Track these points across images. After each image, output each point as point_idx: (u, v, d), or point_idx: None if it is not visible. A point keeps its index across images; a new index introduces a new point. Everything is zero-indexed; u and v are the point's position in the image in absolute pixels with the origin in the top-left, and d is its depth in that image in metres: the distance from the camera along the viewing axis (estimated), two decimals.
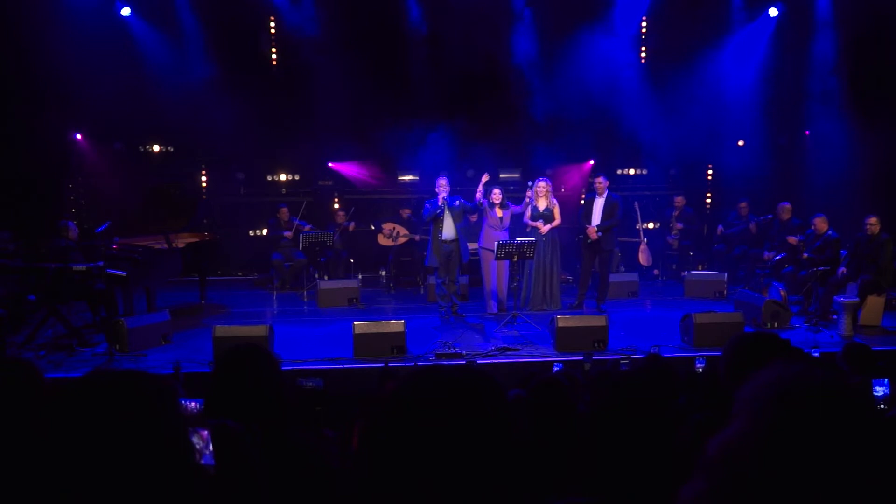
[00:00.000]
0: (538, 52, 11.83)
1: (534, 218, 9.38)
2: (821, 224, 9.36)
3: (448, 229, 8.97)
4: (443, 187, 8.92)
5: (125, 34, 11.17)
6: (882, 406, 3.73)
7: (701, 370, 5.57)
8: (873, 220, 8.87)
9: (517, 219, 9.54)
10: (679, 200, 12.01)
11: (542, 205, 9.37)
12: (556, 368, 5.86)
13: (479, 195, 8.96)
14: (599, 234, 9.42)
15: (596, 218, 9.47)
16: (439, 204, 8.88)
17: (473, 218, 9.62)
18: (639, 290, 10.64)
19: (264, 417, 2.17)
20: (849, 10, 11.10)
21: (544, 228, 9.28)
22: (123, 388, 1.25)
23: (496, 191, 9.36)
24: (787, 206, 10.63)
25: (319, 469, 2.27)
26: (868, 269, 8.74)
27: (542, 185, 9.38)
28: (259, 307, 10.17)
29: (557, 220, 9.41)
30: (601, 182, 9.53)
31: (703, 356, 6.13)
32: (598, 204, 9.51)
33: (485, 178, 8.94)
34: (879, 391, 4.08)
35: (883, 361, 5.28)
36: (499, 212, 9.36)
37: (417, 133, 11.23)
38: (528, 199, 9.42)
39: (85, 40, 10.29)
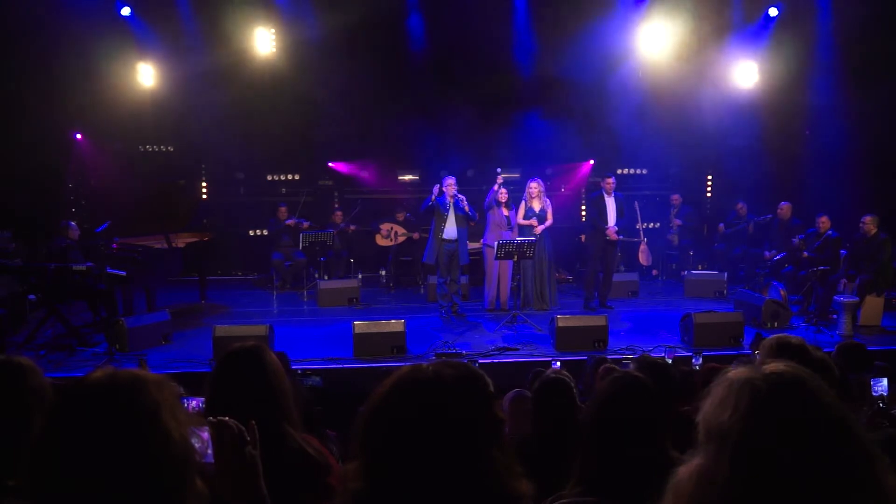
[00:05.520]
0: (538, 51, 11.81)
1: (527, 218, 9.38)
2: (824, 224, 9.38)
3: (451, 229, 9.00)
4: (451, 186, 8.97)
5: (125, 34, 11.15)
6: (881, 405, 3.74)
7: (698, 367, 5.57)
8: (868, 219, 8.89)
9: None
10: (675, 198, 12.13)
11: (536, 206, 9.36)
12: (554, 366, 5.86)
13: (491, 197, 9.24)
14: (621, 236, 9.46)
15: (612, 218, 9.46)
16: (447, 201, 8.92)
17: (473, 224, 9.61)
18: (639, 290, 10.64)
19: (265, 417, 2.17)
20: (850, 11, 11.09)
21: (539, 228, 9.27)
22: (124, 388, 1.25)
23: (502, 190, 9.38)
24: (788, 205, 10.65)
25: (320, 468, 2.27)
26: (867, 269, 8.74)
27: (533, 186, 9.38)
28: (259, 307, 10.16)
29: (549, 221, 9.40)
30: (612, 182, 9.52)
31: (700, 355, 6.14)
32: (611, 203, 9.49)
33: (499, 180, 9.21)
34: (878, 390, 4.09)
35: (883, 361, 5.28)
36: (505, 211, 9.37)
37: (417, 133, 11.23)
38: (522, 200, 9.47)
39: (85, 40, 10.29)
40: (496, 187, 9.23)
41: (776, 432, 1.09)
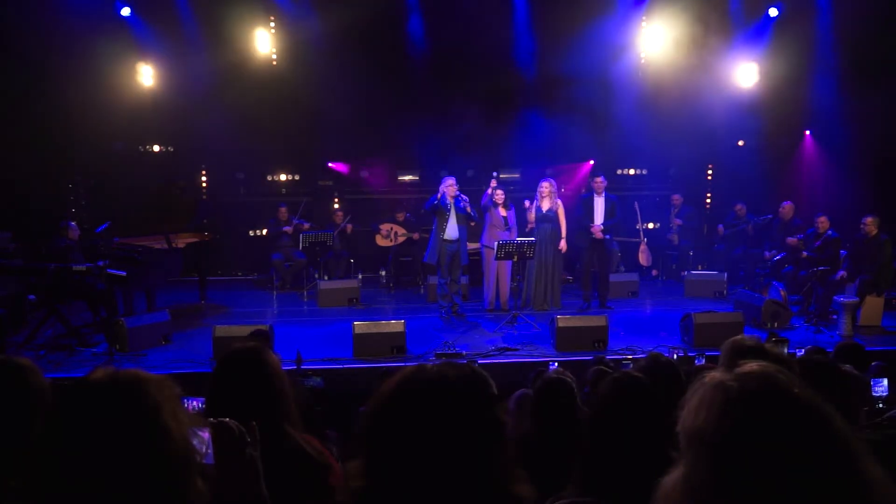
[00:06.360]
0: (538, 52, 11.82)
1: (537, 220, 9.38)
2: (823, 224, 9.38)
3: (452, 229, 9.01)
4: (451, 187, 8.97)
5: (125, 34, 11.15)
6: (881, 405, 3.74)
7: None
8: (869, 220, 8.90)
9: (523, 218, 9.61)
10: (676, 198, 12.13)
11: (545, 205, 9.36)
12: (552, 367, 5.84)
13: (485, 198, 9.25)
14: (608, 235, 9.46)
15: (599, 217, 9.48)
16: (448, 202, 8.93)
17: (473, 223, 9.61)
18: (639, 290, 10.63)
19: (265, 417, 2.17)
20: (850, 11, 11.09)
21: (563, 244, 9.29)
22: (125, 388, 1.25)
23: (499, 191, 9.38)
24: (790, 205, 10.64)
25: (320, 468, 2.27)
26: (867, 270, 8.75)
27: (545, 186, 9.37)
28: (259, 307, 10.16)
29: (563, 222, 9.38)
30: (601, 181, 9.55)
31: (703, 356, 6.14)
32: (599, 203, 9.53)
33: (493, 183, 9.24)
34: (878, 390, 4.09)
35: (884, 361, 5.29)
36: (502, 211, 9.37)
37: (417, 133, 11.23)
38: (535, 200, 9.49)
39: (85, 40, 10.29)
40: (489, 190, 9.24)
41: (750, 431, 1.07)
